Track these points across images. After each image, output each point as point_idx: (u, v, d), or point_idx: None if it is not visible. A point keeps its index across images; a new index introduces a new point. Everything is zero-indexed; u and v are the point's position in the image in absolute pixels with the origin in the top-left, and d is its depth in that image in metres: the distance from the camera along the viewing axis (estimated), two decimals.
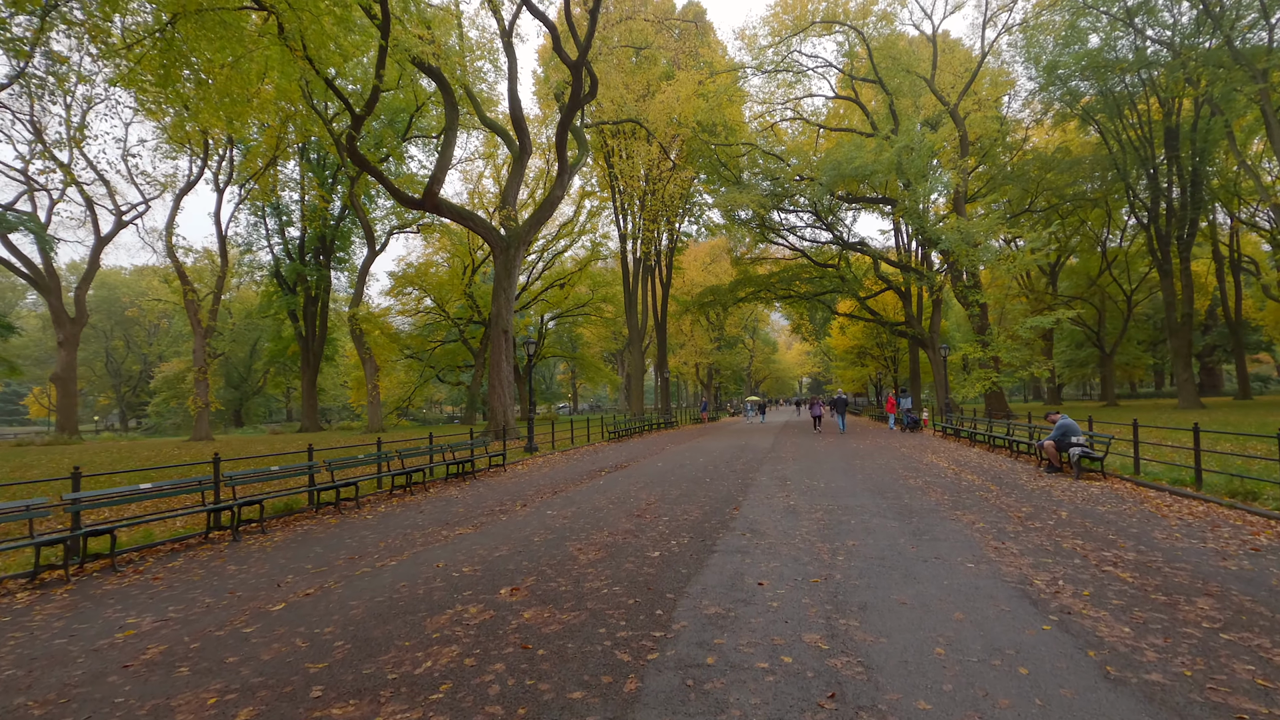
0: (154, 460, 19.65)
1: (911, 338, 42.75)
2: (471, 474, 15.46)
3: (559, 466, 17.23)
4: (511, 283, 26.04)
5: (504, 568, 6.83)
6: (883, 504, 9.99)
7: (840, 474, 13.83)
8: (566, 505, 10.81)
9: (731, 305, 43.84)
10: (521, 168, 26.98)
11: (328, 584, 6.45)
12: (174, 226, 33.57)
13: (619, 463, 17.58)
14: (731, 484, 12.67)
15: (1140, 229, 43.96)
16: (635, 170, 35.77)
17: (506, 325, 25.71)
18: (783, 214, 43.15)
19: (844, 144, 33.70)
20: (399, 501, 12.11)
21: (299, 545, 8.49)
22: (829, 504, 10.09)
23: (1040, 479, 12.47)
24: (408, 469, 13.25)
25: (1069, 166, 38.25)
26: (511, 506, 10.94)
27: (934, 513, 9.20)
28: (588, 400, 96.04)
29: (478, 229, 25.86)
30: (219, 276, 35.48)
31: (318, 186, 40.87)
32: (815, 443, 23.07)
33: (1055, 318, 30.94)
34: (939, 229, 31.16)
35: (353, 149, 21.55)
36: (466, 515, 10.25)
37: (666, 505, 10.37)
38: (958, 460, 16.15)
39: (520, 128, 26.08)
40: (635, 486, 12.71)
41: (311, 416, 42.30)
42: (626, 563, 6.79)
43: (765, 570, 6.38)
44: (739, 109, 40.16)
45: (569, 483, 13.75)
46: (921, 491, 11.15)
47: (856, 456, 17.56)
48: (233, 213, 36.98)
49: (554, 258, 49.93)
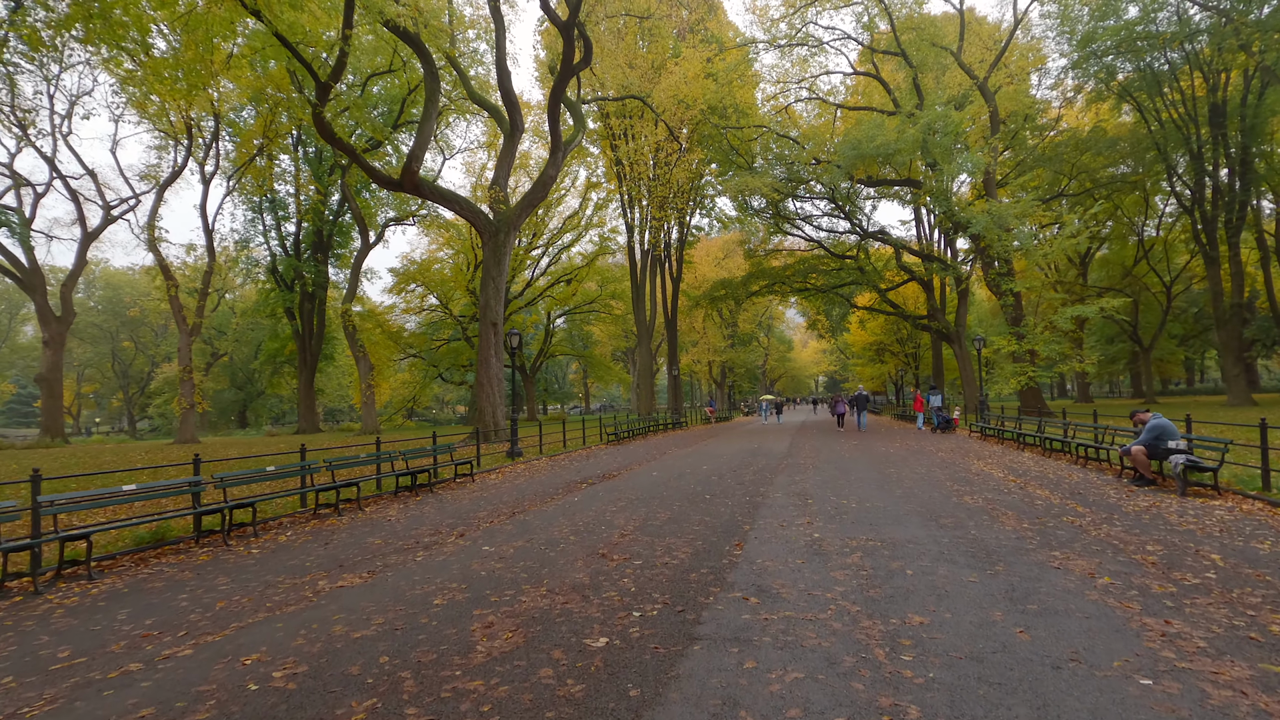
0: (101, 465, 17.18)
1: (935, 331, 39.51)
2: (430, 486, 12.73)
3: (538, 476, 14.45)
4: (501, 271, 23.33)
5: (344, 669, 4.04)
6: (942, 537, 7.08)
7: (874, 487, 10.89)
8: (516, 535, 8.00)
9: (744, 299, 40.83)
10: (512, 146, 24.26)
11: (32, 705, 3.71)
12: (156, 219, 31.32)
13: (608, 471, 14.75)
14: (737, 503, 9.79)
15: (1182, 213, 40.36)
16: (642, 154, 32.94)
17: (496, 317, 23.02)
18: (798, 202, 40.14)
19: (864, 123, 30.59)
20: (319, 525, 9.41)
21: (94, 610, 5.76)
22: (868, 537, 7.18)
23: (1134, 496, 9.46)
24: (339, 483, 10.53)
25: (1107, 146, 34.82)
26: (446, 536, 8.17)
27: (1021, 553, 6.28)
28: (600, 400, 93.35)
29: (464, 213, 23.20)
30: (206, 272, 33.18)
31: (314, 180, 38.58)
32: (838, 445, 20.06)
33: (1098, 306, 27.64)
34: (969, 212, 27.98)
35: (320, 121, 18.96)
36: (378, 551, 7.49)
37: (645, 538, 7.52)
38: (1012, 468, 13.12)
39: (510, 102, 23.37)
40: (615, 506, 9.88)
41: (309, 417, 39.99)
42: (543, 669, 3.95)
43: (779, 695, 3.52)
44: (750, 92, 37.19)
45: (537, 499, 10.95)
46: (987, 516, 8.20)
47: (889, 463, 14.58)
48: (220, 205, 34.86)
49: (560, 252, 47.26)
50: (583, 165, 44.06)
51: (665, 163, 34.03)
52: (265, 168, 36.03)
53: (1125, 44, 31.03)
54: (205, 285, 33.06)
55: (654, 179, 34.03)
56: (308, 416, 39.90)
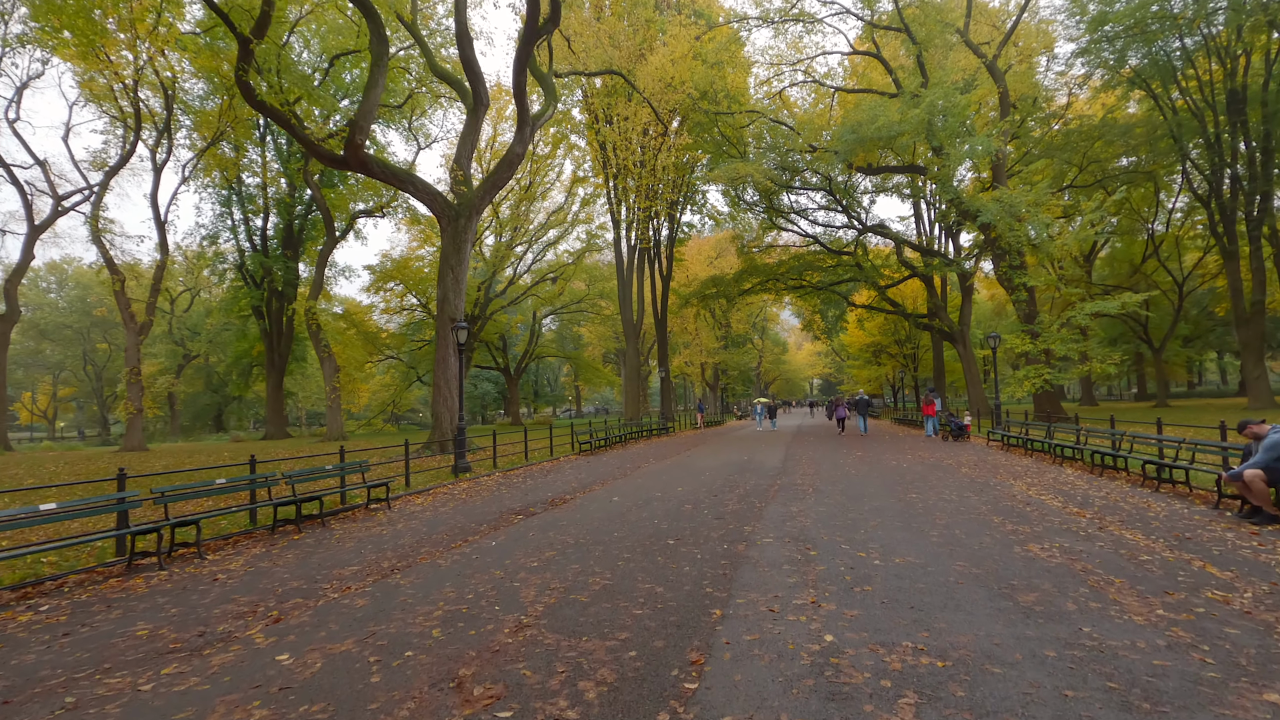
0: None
1: (937, 331, 36.58)
2: (321, 517, 9.71)
3: (472, 501, 11.42)
4: (461, 260, 20.33)
5: None
6: (1039, 643, 4.08)
7: (898, 525, 7.89)
8: (355, 624, 4.98)
9: (736, 297, 37.83)
10: (477, 122, 21.27)
11: None
12: (102, 209, 28.30)
13: (561, 494, 11.73)
14: (709, 555, 6.77)
15: (1196, 206, 37.50)
16: (627, 137, 29.99)
17: (455, 312, 20.00)
18: (792, 195, 37.21)
19: (864, 104, 27.66)
20: (120, 586, 6.41)
21: None
22: (914, 643, 4.18)
23: (1265, 539, 6.51)
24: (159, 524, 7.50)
25: (1121, 133, 31.95)
26: (249, 623, 5.14)
27: (1189, 688, 3.32)
28: (594, 403, 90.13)
29: (419, 194, 20.18)
30: (158, 266, 30.15)
31: (283, 172, 35.58)
32: (841, 457, 17.03)
33: (1120, 301, 24.75)
34: (979, 200, 25.06)
35: (242, 85, 16.00)
36: (96, 663, 4.49)
37: (550, 638, 4.51)
38: (1063, 491, 10.14)
39: (472, 71, 20.38)
40: (538, 559, 6.86)
41: (277, 422, 36.90)
42: None
43: None
44: (743, 78, 34.29)
45: (444, 542, 7.93)
46: (1086, 588, 5.19)
47: (906, 483, 11.59)
48: (173, 196, 31.72)
49: (545, 249, 44.27)
50: (569, 158, 41.19)
51: (651, 148, 31.08)
52: (234, 158, 32.98)
53: (1138, 26, 28.21)
54: (157, 281, 30.02)
55: (640, 165, 31.05)
56: (276, 421, 36.82)
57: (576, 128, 38.22)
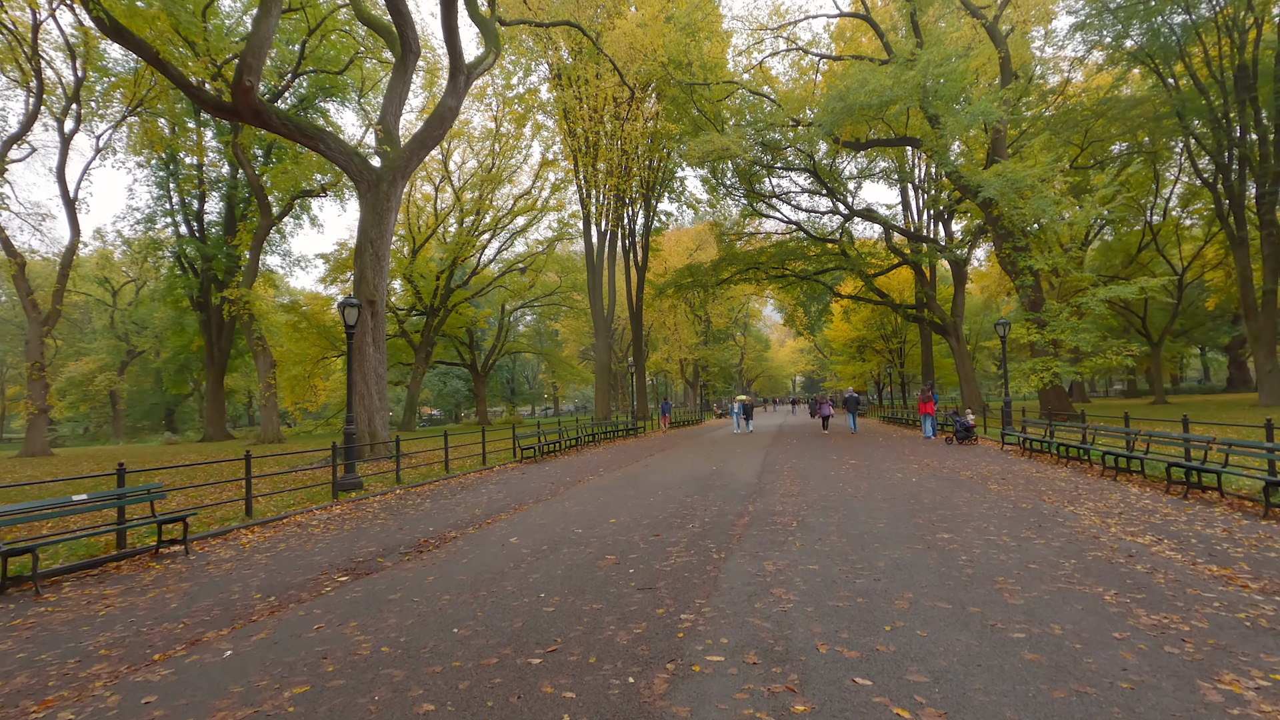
0: None
1: (927, 323, 33.45)
2: (34, 579, 6.17)
3: (312, 542, 7.88)
4: (382, 233, 16.76)
5: None
6: None
7: (943, 604, 4.46)
8: None
9: (714, 287, 34.41)
10: (405, 72, 17.66)
11: None
12: None
13: (440, 531, 8.18)
14: (601, 694, 3.32)
15: (1200, 191, 34.61)
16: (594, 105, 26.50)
17: (374, 294, 16.43)
18: (774, 179, 33.91)
19: (852, 72, 24.34)
20: None
21: None
22: None
23: None
24: None
25: (1125, 107, 28.90)
26: None
27: None
28: (574, 401, 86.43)
29: (332, 154, 16.55)
30: (66, 250, 26.27)
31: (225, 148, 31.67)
32: (831, 466, 13.56)
33: (1138, 285, 21.63)
34: (980, 175, 21.80)
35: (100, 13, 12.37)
36: None
37: None
38: (1153, 527, 6.79)
39: (398, 12, 16.79)
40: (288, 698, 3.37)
41: (218, 423, 33.04)
42: None
43: None
44: (720, 49, 30.91)
45: (188, 636, 4.43)
46: None
47: (928, 510, 8.17)
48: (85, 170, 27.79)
49: (512, 237, 40.67)
50: (537, 139, 37.66)
51: (620, 117, 27.60)
52: (170, 134, 28.91)
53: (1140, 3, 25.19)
54: (65, 266, 26.12)
55: (609, 137, 27.55)
56: (216, 421, 32.96)
57: (544, 106, 34.69)
